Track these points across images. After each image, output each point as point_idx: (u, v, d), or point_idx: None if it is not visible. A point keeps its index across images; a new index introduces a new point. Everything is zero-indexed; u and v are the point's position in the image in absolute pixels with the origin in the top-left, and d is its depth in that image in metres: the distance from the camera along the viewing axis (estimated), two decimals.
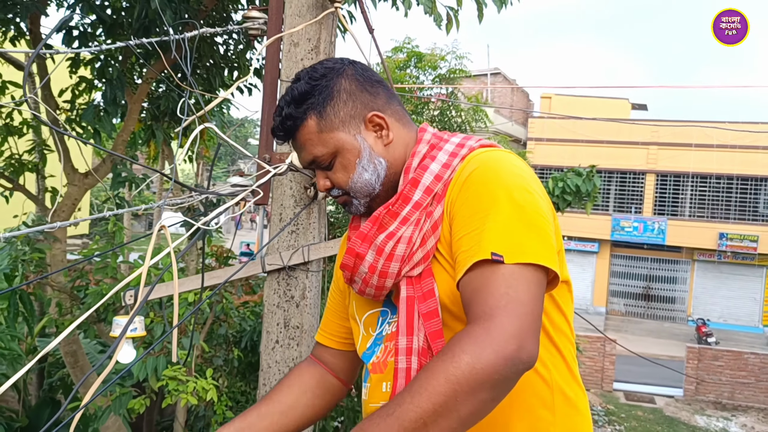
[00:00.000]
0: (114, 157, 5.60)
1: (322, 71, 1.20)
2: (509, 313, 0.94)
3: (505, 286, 0.96)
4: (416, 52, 8.02)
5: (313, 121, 1.18)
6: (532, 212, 1.04)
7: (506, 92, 24.52)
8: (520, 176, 1.09)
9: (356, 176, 1.19)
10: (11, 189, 5.80)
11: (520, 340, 0.92)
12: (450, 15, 4.78)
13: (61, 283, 5.01)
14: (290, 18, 2.05)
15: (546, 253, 1.01)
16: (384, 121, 1.20)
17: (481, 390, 0.90)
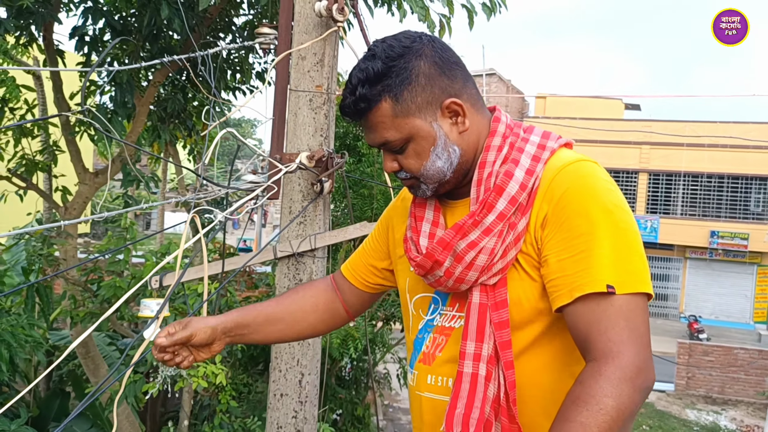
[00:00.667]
0: (123, 157, 5.87)
1: (399, 50, 1.14)
2: (633, 346, 0.98)
3: (624, 320, 1.00)
4: None
5: (388, 105, 1.13)
6: (632, 235, 1.06)
7: (501, 92, 24.82)
8: (614, 193, 1.10)
9: (429, 164, 1.16)
10: (25, 188, 6.07)
11: (647, 371, 0.98)
12: (443, 22, 5.08)
13: (74, 277, 5.28)
14: (298, 35, 2.34)
15: (648, 277, 1.05)
16: (461, 108, 1.16)
17: (628, 420, 0.97)
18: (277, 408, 2.41)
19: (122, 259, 4.80)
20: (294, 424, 2.34)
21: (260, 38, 2.56)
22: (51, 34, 5.62)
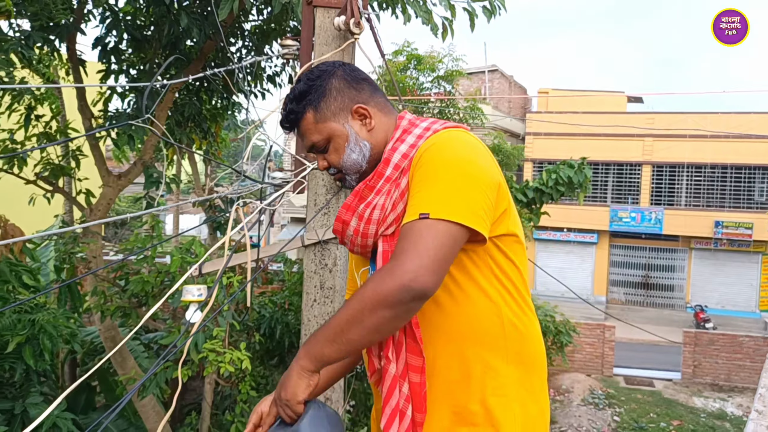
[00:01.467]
0: (145, 159, 6.18)
1: (317, 73, 1.47)
2: (412, 254, 1.20)
3: (416, 235, 1.22)
4: (415, 55, 8.57)
5: (311, 114, 1.45)
6: (461, 179, 1.28)
7: (504, 88, 25.02)
8: (461, 150, 1.33)
9: (346, 157, 1.46)
10: (51, 191, 6.38)
11: (416, 275, 1.18)
12: (445, 24, 5.37)
13: (103, 273, 5.59)
14: (319, 46, 2.62)
15: (465, 212, 1.25)
16: (367, 111, 1.46)
17: (379, 308, 1.19)
18: None
19: (149, 256, 5.10)
20: None
21: (285, 49, 2.84)
22: (74, 44, 5.93)
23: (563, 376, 16.63)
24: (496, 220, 1.35)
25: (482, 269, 1.36)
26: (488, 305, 1.35)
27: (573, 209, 22.12)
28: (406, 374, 1.36)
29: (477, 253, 1.35)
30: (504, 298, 1.37)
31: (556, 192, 8.77)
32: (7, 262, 4.50)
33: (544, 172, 8.88)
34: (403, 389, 1.37)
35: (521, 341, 1.39)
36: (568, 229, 22.81)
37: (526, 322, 1.41)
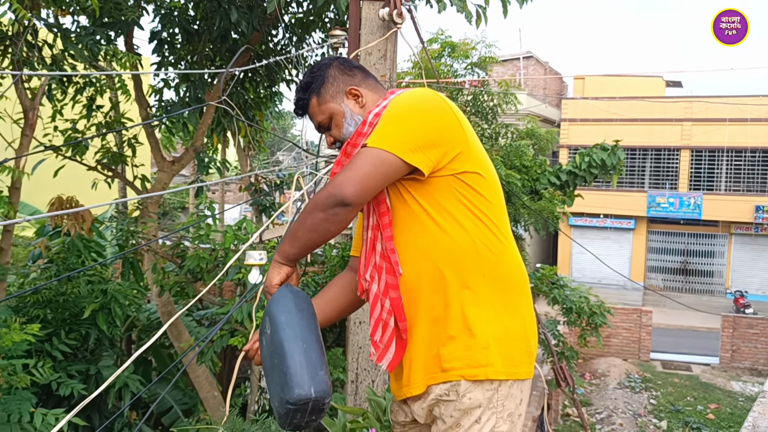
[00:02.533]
0: (196, 146, 6.61)
1: (318, 67, 1.80)
2: (343, 172, 1.53)
3: (352, 159, 1.55)
4: (449, 43, 8.83)
5: (315, 100, 1.77)
6: (401, 120, 1.56)
7: (539, 74, 24.99)
8: (410, 100, 1.62)
9: (344, 130, 1.74)
10: (111, 176, 6.86)
11: (341, 186, 1.50)
12: (479, 12, 5.63)
13: (162, 251, 6.04)
14: (365, 35, 2.95)
15: (395, 143, 1.52)
16: (359, 91, 1.75)
17: (314, 211, 1.53)
18: (356, 333, 3.06)
19: (204, 233, 5.51)
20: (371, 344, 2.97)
21: (333, 39, 3.18)
22: (131, 38, 6.37)
23: (599, 360, 16.74)
24: (453, 159, 1.58)
25: (452, 201, 1.59)
26: (461, 232, 1.58)
27: (609, 195, 22.06)
28: (387, 292, 1.62)
29: (443, 187, 1.59)
30: (476, 226, 1.59)
31: (589, 175, 8.95)
32: (80, 238, 4.96)
33: (577, 155, 9.06)
34: (385, 305, 1.63)
35: (496, 263, 1.60)
36: (604, 215, 22.75)
37: (499, 247, 1.61)
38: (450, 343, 1.57)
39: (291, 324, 1.54)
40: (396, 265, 1.61)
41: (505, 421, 1.60)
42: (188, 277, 5.95)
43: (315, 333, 1.57)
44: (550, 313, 12.16)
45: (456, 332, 1.57)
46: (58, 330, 4.67)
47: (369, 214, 1.69)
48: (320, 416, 1.53)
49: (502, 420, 1.60)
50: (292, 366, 1.49)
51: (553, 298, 9.67)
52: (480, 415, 1.58)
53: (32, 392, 4.06)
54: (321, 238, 1.59)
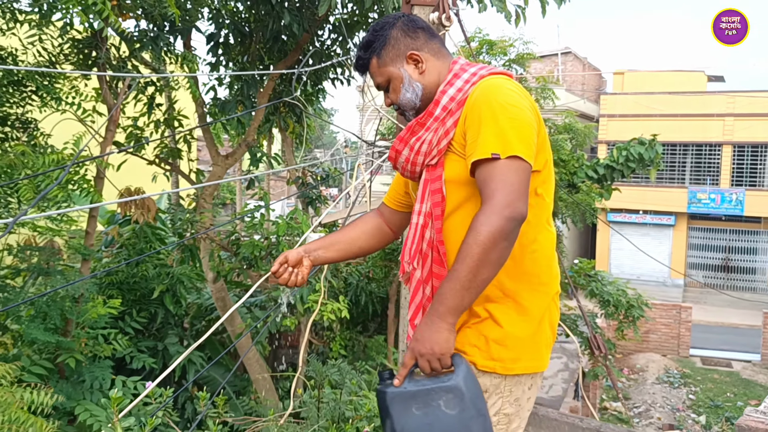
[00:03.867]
0: (249, 141, 7.01)
1: (381, 24, 1.74)
2: (503, 191, 1.43)
3: (500, 175, 1.45)
4: (487, 41, 9.07)
5: (375, 61, 1.73)
6: (516, 120, 1.50)
7: (578, 70, 24.93)
8: (509, 95, 1.55)
9: (401, 96, 1.70)
10: (170, 170, 7.31)
11: (511, 206, 1.42)
12: (518, 11, 5.89)
13: (218, 239, 6.45)
14: None
15: (526, 149, 1.48)
16: (419, 57, 1.69)
17: (499, 242, 1.41)
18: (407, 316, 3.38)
19: (259, 222, 5.89)
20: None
21: None
22: (189, 41, 6.79)
23: (638, 356, 16.75)
24: None
25: None
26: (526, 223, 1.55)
27: (649, 191, 21.93)
28: (430, 279, 1.65)
29: None
30: (536, 216, 1.61)
31: (627, 168, 9.07)
32: (148, 225, 5.39)
33: (614, 149, 9.18)
34: (426, 291, 1.67)
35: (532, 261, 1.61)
36: (643, 211, 22.62)
37: (536, 245, 1.62)
38: (471, 330, 1.61)
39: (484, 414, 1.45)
40: (444, 256, 1.62)
41: (511, 404, 1.64)
42: (242, 264, 6.35)
43: None
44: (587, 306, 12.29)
45: (479, 322, 1.60)
46: (130, 309, 5.10)
47: (423, 200, 1.67)
48: None
49: (508, 403, 1.64)
50: None
51: (590, 291, 9.81)
52: (486, 398, 1.60)
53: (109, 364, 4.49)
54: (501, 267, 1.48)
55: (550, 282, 1.65)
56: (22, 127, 4.40)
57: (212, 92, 7.40)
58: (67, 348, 4.09)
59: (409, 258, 1.69)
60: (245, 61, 7.33)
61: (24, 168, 3.39)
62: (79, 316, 4.20)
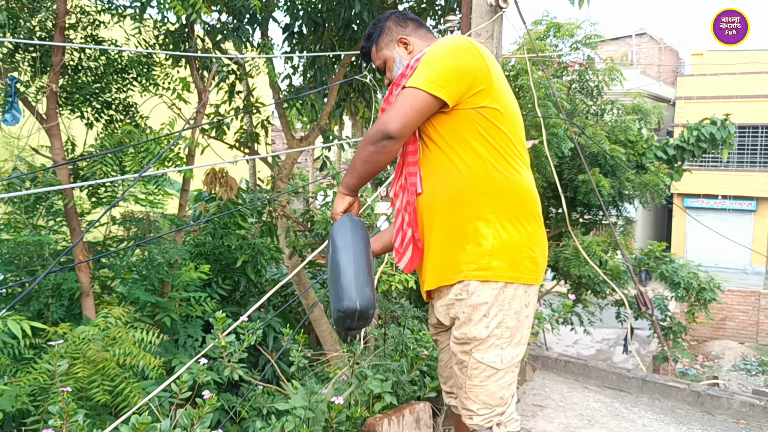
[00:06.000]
0: (321, 125, 7.43)
1: (378, 20, 2.12)
2: (388, 112, 1.80)
3: (396, 100, 1.81)
4: (555, 23, 9.14)
5: (374, 48, 2.10)
6: (433, 62, 1.81)
7: (653, 52, 24.22)
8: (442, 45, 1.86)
9: (395, 72, 2.03)
10: (250, 154, 7.82)
11: (386, 123, 1.76)
12: None
13: (294, 216, 6.91)
14: (475, 19, 3.53)
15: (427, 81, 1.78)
16: (408, 40, 2.04)
17: (366, 145, 1.80)
18: None
19: (332, 201, 6.29)
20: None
21: (448, 23, 3.78)
22: (267, 31, 7.24)
23: (713, 343, 16.35)
24: (475, 94, 1.82)
25: (470, 132, 1.84)
26: (475, 158, 1.83)
27: (728, 175, 21.17)
28: (407, 208, 1.93)
29: (464, 120, 1.83)
30: (490, 153, 1.84)
31: (697, 149, 8.96)
32: (231, 202, 5.88)
33: (685, 129, 9.08)
34: (405, 218, 1.95)
35: (506, 183, 1.84)
36: (722, 196, 21.85)
37: (511, 171, 1.85)
38: (461, 251, 1.84)
39: (346, 248, 1.86)
40: (413, 186, 1.91)
41: (512, 318, 1.84)
42: (316, 240, 6.78)
43: (365, 256, 1.88)
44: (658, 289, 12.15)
45: (467, 243, 1.83)
46: (216, 277, 5.61)
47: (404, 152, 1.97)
48: (366, 323, 1.83)
49: (509, 317, 1.83)
50: (344, 282, 1.81)
51: (660, 274, 9.76)
52: (488, 310, 1.82)
53: None
54: (373, 168, 1.84)
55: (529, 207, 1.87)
56: (125, 111, 4.95)
57: (288, 80, 7.88)
58: (164, 308, 4.60)
59: (391, 190, 2.04)
60: (318, 49, 7.72)
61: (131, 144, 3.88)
62: (174, 279, 4.71)
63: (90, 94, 4.70)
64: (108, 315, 3.14)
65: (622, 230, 10.36)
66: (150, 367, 2.97)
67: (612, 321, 11.46)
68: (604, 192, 8.13)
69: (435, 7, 7.80)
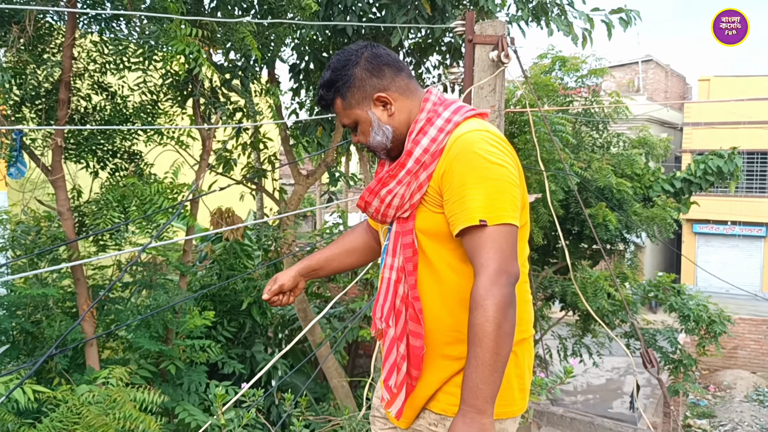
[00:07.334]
0: (328, 161, 7.46)
1: (343, 62, 1.60)
2: (495, 259, 1.40)
3: (491, 242, 1.42)
4: (560, 57, 9.19)
5: (339, 101, 1.61)
6: (500, 181, 1.46)
7: (660, 78, 24.27)
8: (490, 152, 1.48)
9: (371, 139, 1.62)
10: (256, 189, 7.86)
11: (507, 271, 1.39)
12: (585, 34, 6.06)
13: (299, 254, 6.90)
14: (478, 73, 3.55)
15: (512, 211, 1.45)
16: (387, 98, 1.59)
17: (507, 311, 1.37)
18: None
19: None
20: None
21: (452, 75, 3.80)
22: (274, 70, 7.32)
23: (725, 373, 16.14)
24: None
25: None
26: None
27: (738, 201, 21.04)
28: (404, 337, 1.58)
29: None
30: None
31: (705, 182, 8.93)
32: (237, 242, 5.90)
33: (692, 162, 9.06)
34: (400, 349, 1.58)
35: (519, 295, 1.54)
36: (732, 222, 21.72)
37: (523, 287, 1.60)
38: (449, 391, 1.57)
39: None
40: (420, 313, 1.56)
41: None
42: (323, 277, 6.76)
43: None
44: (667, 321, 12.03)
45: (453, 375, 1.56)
46: (221, 319, 5.61)
47: (395, 254, 1.62)
48: None
49: None
50: None
51: (669, 306, 9.68)
52: None
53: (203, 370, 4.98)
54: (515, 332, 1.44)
55: (522, 330, 1.60)
56: (129, 159, 4.99)
57: (294, 116, 7.93)
58: (168, 355, 4.60)
59: (382, 315, 1.63)
60: None
61: (134, 197, 3.92)
62: (178, 326, 4.71)
63: (95, 145, 4.74)
64: (110, 376, 3.13)
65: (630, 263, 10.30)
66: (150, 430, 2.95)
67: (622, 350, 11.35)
68: (611, 227, 8.09)
69: (440, 45, 7.87)
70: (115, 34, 4.63)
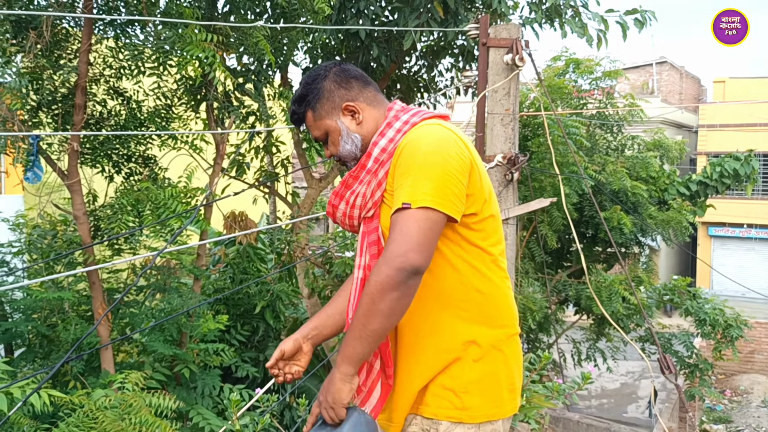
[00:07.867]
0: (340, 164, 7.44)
1: (313, 77, 1.69)
2: (397, 242, 1.40)
3: (401, 225, 1.42)
4: (574, 59, 9.15)
5: (310, 114, 1.68)
6: (434, 168, 1.46)
7: (674, 80, 24.10)
8: (433, 143, 1.51)
9: (341, 148, 1.66)
10: (269, 193, 7.88)
11: (403, 256, 1.38)
12: (599, 36, 6.02)
13: (312, 258, 6.91)
14: (492, 76, 3.54)
15: (439, 198, 1.43)
16: (355, 107, 1.65)
17: (387, 292, 1.38)
18: None
19: (351, 242, 6.29)
20: None
21: (466, 79, 3.79)
22: (287, 74, 7.35)
23: (742, 377, 15.96)
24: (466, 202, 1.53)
25: (449, 245, 1.56)
26: (453, 274, 1.56)
27: (754, 204, 20.84)
28: None
29: (446, 232, 1.54)
30: (469, 267, 1.57)
31: (721, 185, 8.86)
32: (250, 246, 5.91)
33: (708, 165, 8.99)
34: None
35: (484, 304, 1.58)
36: (748, 225, 21.50)
37: (490, 287, 1.59)
38: (432, 384, 1.57)
39: None
40: None
41: None
42: (335, 281, 6.77)
43: None
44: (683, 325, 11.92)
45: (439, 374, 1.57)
46: (235, 323, 5.63)
47: (362, 253, 1.65)
48: None
49: None
50: None
51: (685, 310, 9.60)
52: None
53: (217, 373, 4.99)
54: (398, 318, 1.45)
55: (505, 325, 1.62)
56: (144, 164, 5.02)
57: None
58: (182, 359, 4.61)
59: (353, 313, 1.59)
60: None
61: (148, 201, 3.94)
62: (192, 330, 4.73)
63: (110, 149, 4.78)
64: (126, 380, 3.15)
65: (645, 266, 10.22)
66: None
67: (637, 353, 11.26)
68: (626, 230, 8.04)
69: (453, 48, 7.85)
70: (130, 39, 4.67)
